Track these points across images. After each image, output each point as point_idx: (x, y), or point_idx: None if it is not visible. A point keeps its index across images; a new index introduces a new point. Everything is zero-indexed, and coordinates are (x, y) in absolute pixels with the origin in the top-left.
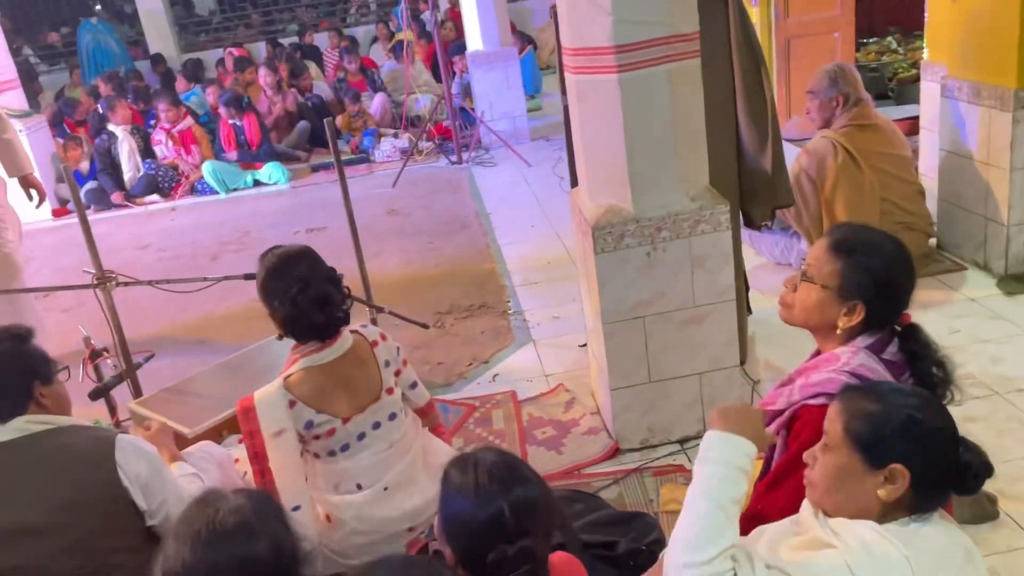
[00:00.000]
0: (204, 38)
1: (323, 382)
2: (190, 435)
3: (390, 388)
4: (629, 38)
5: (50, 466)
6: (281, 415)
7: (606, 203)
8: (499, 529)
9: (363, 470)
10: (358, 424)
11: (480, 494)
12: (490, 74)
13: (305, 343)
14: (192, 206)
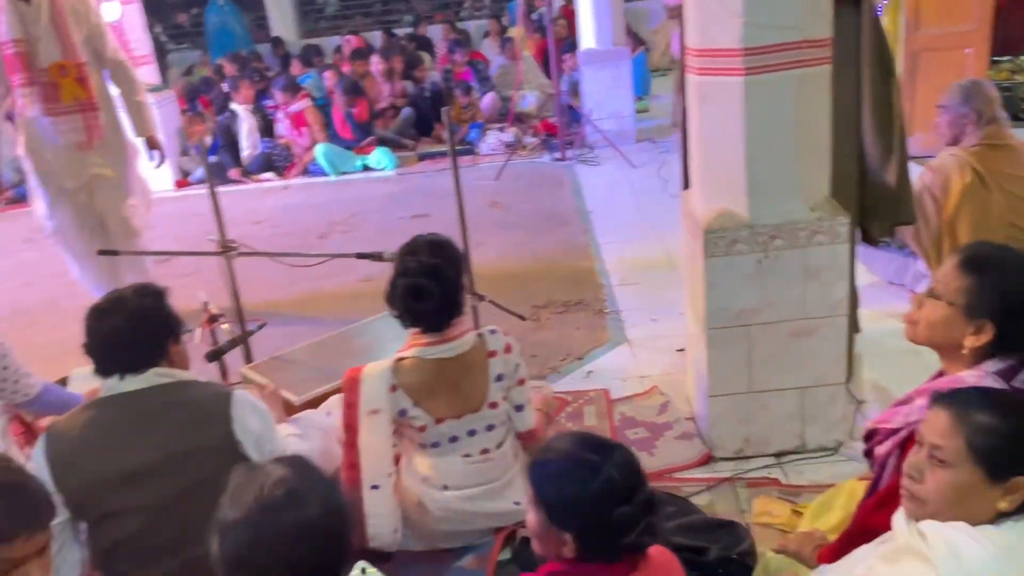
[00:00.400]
0: (323, 25)
1: (430, 377)
2: (297, 402)
3: (494, 403)
4: (758, 41)
5: (172, 416)
6: (381, 396)
7: (719, 207)
8: (614, 492)
9: (452, 473)
10: (452, 427)
11: (583, 468)
12: (600, 73)
13: (417, 329)
14: (303, 186)
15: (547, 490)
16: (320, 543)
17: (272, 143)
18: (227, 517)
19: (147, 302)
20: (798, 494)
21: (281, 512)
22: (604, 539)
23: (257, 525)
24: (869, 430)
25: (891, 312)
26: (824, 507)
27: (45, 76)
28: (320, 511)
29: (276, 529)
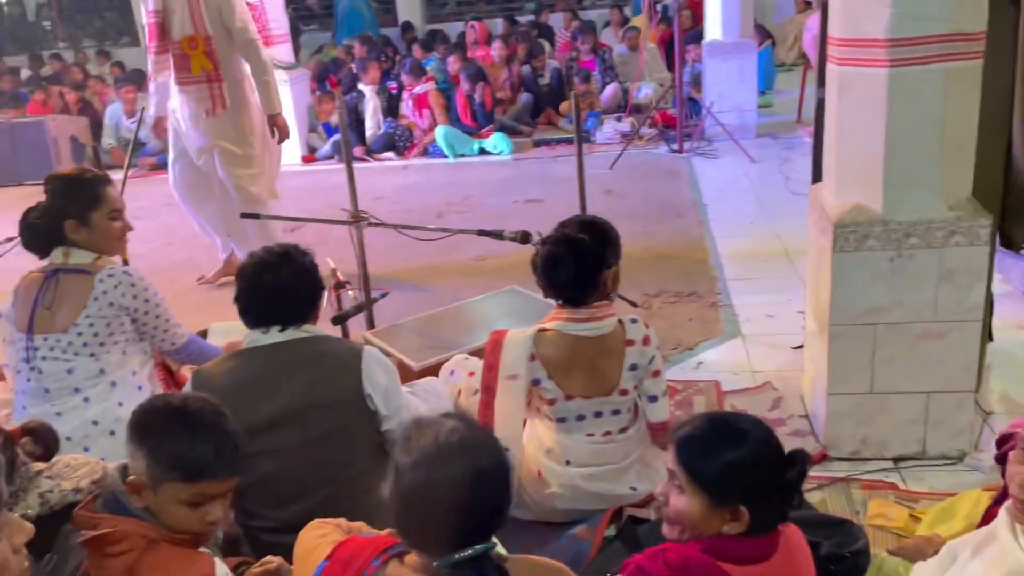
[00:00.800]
0: (447, 11)
1: (567, 353)
2: (415, 368)
3: (625, 390)
4: (907, 32)
5: (308, 367)
6: (520, 362)
7: (853, 201)
8: (775, 454)
9: (575, 450)
10: (580, 406)
11: (739, 439)
12: (724, 65)
13: (559, 303)
14: (423, 166)
15: (710, 468)
16: (489, 490)
17: (395, 123)
18: (404, 460)
19: (308, 260)
20: (916, 500)
21: (456, 457)
22: (775, 504)
23: (434, 466)
24: (1003, 435)
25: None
26: (946, 514)
27: (178, 48)
28: (491, 460)
29: (451, 472)
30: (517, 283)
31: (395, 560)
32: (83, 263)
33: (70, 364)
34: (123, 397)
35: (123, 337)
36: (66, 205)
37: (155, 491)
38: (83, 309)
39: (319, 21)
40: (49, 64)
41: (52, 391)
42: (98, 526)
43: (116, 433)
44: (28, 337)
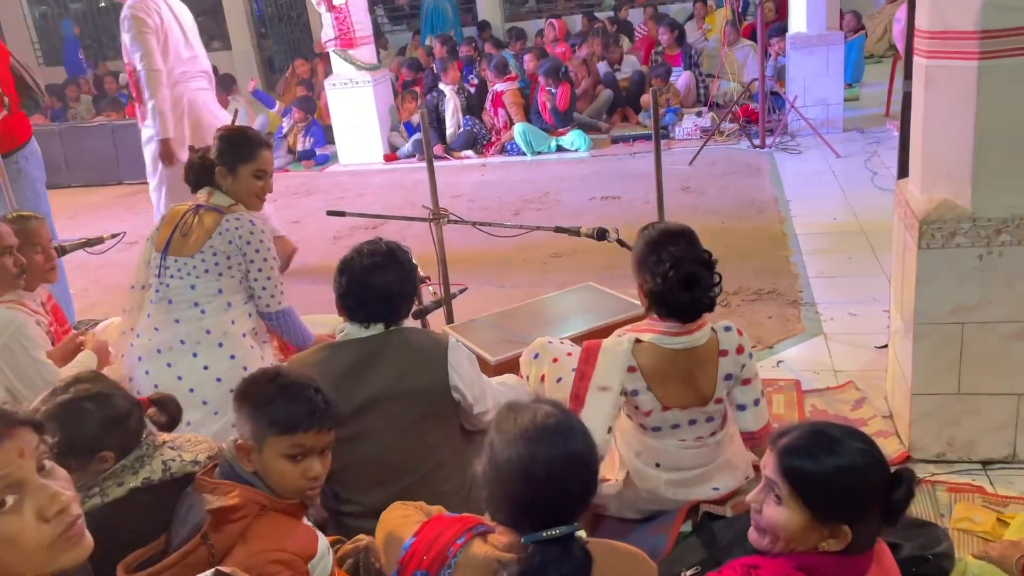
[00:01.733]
0: (526, 9)
1: (665, 365)
2: (492, 362)
3: (719, 399)
4: (998, 23)
5: (397, 358)
6: (617, 374)
7: (940, 197)
8: (883, 474)
9: (667, 454)
10: (675, 416)
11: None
12: (810, 58)
13: (664, 319)
14: (500, 164)
15: (817, 484)
16: (579, 473)
17: (474, 121)
18: (500, 436)
19: (410, 260)
20: (1005, 504)
21: (551, 437)
22: (877, 525)
23: (531, 444)
24: None
25: None
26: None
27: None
28: (583, 446)
29: (546, 451)
30: (592, 279)
31: (479, 539)
32: (220, 204)
33: (193, 282)
34: (235, 316)
35: (239, 273)
36: (222, 153)
37: (260, 450)
38: (208, 240)
39: (407, 21)
40: None
41: (175, 302)
42: (215, 490)
43: (223, 345)
44: (163, 256)
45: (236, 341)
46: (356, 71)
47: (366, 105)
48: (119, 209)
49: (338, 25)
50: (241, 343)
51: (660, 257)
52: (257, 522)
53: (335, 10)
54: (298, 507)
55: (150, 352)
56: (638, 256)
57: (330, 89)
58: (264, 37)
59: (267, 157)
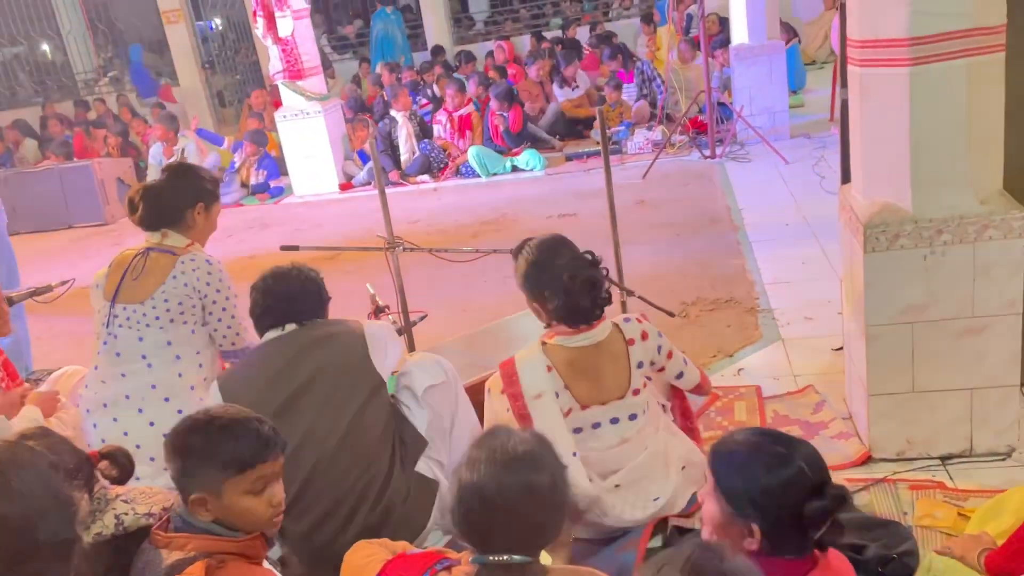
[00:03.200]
0: (474, 32)
1: (573, 363)
2: None
3: (637, 389)
4: (926, 30)
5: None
6: (540, 378)
7: (882, 201)
8: (804, 484)
9: (590, 463)
10: (595, 414)
11: (773, 458)
12: (753, 68)
13: (570, 326)
14: (456, 187)
15: (734, 480)
16: (540, 504)
17: (430, 145)
18: (472, 455)
19: (310, 270)
20: (965, 498)
21: (517, 465)
22: (793, 533)
23: (493, 468)
24: None
25: None
26: (994, 511)
27: None
28: (549, 480)
29: (508, 479)
30: None
31: (443, 573)
32: (175, 245)
33: (142, 333)
34: (184, 368)
35: (192, 318)
36: (204, 191)
37: (219, 496)
38: (161, 285)
39: (353, 50)
40: (94, 108)
41: (123, 355)
42: (170, 544)
43: (170, 400)
44: (112, 305)
45: (184, 395)
46: (306, 102)
47: (318, 135)
48: (71, 254)
49: (285, 57)
50: (189, 396)
51: (552, 273)
52: (216, 574)
53: (281, 42)
54: (262, 544)
55: (97, 406)
56: (526, 278)
57: (281, 121)
58: (212, 72)
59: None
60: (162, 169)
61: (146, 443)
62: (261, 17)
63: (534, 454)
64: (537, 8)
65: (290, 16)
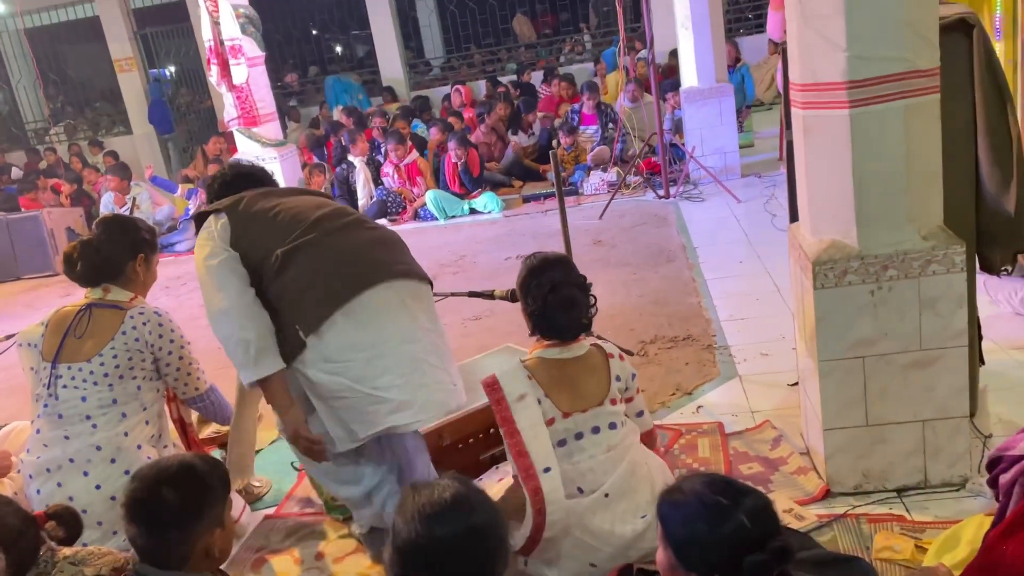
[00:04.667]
0: (430, 77)
1: (553, 374)
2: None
3: (614, 399)
4: (863, 74)
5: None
6: (522, 383)
7: (829, 238)
8: (744, 539)
9: (581, 473)
10: (577, 423)
11: (714, 511)
12: (703, 110)
13: (548, 340)
14: (414, 230)
15: (676, 530)
16: (484, 544)
17: (386, 191)
18: (400, 517)
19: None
20: (922, 530)
21: (452, 513)
22: None
23: (431, 523)
24: (992, 458)
25: (1017, 344)
26: (950, 542)
27: None
28: (487, 518)
29: (449, 529)
30: (513, 339)
31: None
32: (119, 300)
33: (85, 393)
34: (130, 427)
35: (141, 373)
36: (143, 242)
37: (224, 524)
38: (109, 341)
39: (300, 97)
40: (45, 157)
41: (65, 417)
42: None
43: (116, 461)
44: (53, 365)
45: (130, 455)
46: (262, 148)
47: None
48: (18, 307)
49: (240, 104)
50: (136, 456)
51: (540, 282)
52: None
53: (236, 89)
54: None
55: (40, 471)
56: (521, 282)
57: None
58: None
59: None
60: (95, 224)
61: (93, 507)
62: (215, 65)
63: (463, 495)
64: (491, 54)
65: (244, 63)
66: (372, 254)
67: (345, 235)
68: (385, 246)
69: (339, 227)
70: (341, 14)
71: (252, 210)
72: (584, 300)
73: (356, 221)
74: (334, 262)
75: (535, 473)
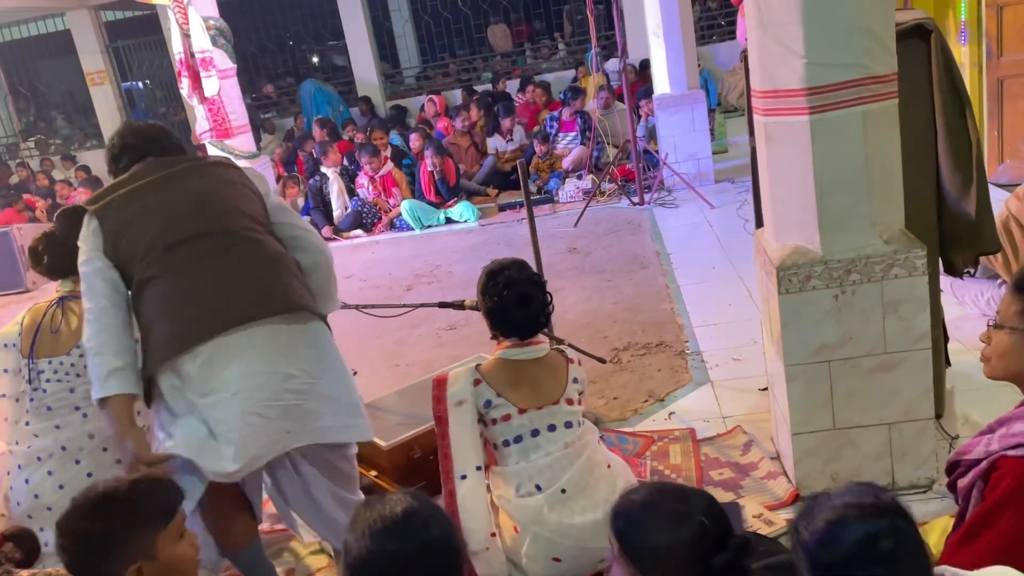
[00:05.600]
0: (405, 87)
1: (511, 374)
2: (385, 447)
3: (570, 399)
4: (821, 80)
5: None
6: (465, 389)
7: (792, 244)
8: (707, 538)
9: (539, 471)
10: (532, 419)
11: (671, 517)
12: (675, 116)
13: (507, 338)
14: (390, 240)
15: (637, 542)
16: (440, 557)
17: (361, 201)
18: (353, 533)
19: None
20: None
21: (404, 528)
22: None
23: (382, 539)
24: (951, 462)
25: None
26: None
27: None
28: (440, 532)
29: (400, 545)
30: (486, 350)
31: None
32: None
33: (72, 384)
34: None
35: None
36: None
37: (154, 557)
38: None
39: (277, 108)
40: (16, 173)
41: (54, 408)
42: None
43: (108, 450)
44: (31, 361)
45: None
46: (235, 160)
47: None
48: None
49: (212, 116)
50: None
51: (496, 281)
52: None
53: (208, 102)
54: None
55: (30, 460)
56: (480, 285)
57: None
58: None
59: None
60: (56, 216)
61: None
62: (186, 77)
63: (416, 509)
64: (467, 63)
65: (216, 76)
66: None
67: (206, 267)
68: (251, 278)
69: (201, 255)
70: (316, 24)
71: (122, 216)
72: (541, 297)
73: (222, 247)
74: (183, 300)
75: (452, 477)
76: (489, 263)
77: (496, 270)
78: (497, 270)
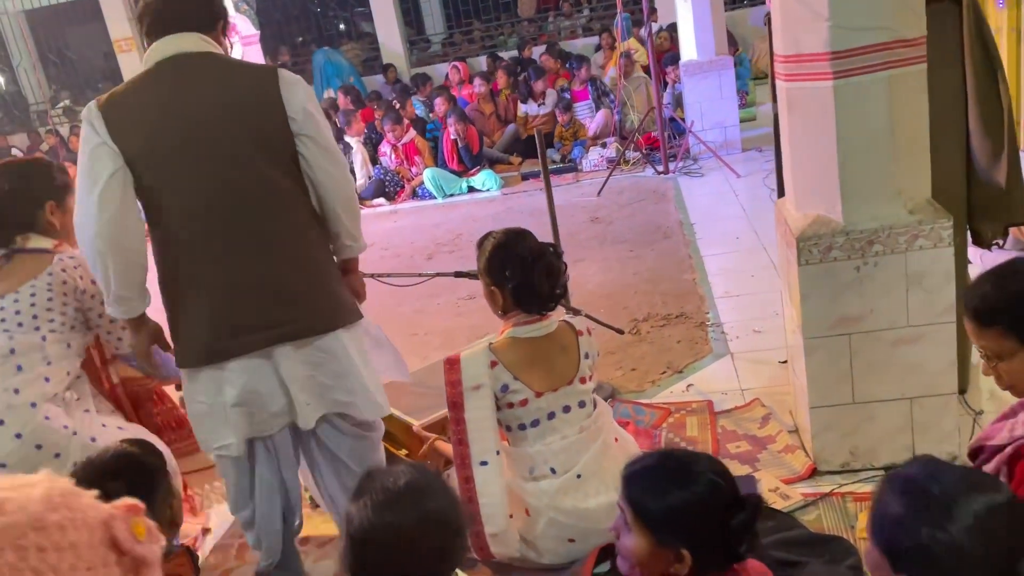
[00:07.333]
0: (430, 53)
1: (525, 354)
2: (416, 427)
3: (584, 378)
4: (846, 44)
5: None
6: (482, 372)
7: (814, 213)
8: (723, 498)
9: (554, 454)
10: (549, 402)
11: (686, 479)
12: (703, 83)
13: (523, 313)
14: (412, 209)
15: (652, 505)
16: (442, 532)
17: (384, 170)
18: (354, 504)
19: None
20: None
21: (405, 500)
22: (720, 548)
23: (383, 510)
24: (973, 448)
25: None
26: None
27: None
28: (441, 505)
29: (400, 517)
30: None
31: None
32: (43, 246)
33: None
34: (22, 384)
35: (52, 324)
36: (46, 187)
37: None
38: (31, 279)
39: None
40: (46, 140)
41: None
42: None
43: (36, 406)
44: None
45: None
46: None
47: None
48: None
49: None
50: (30, 415)
51: (516, 253)
52: None
53: None
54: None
55: None
56: (488, 261)
57: None
58: None
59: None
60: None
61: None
62: None
63: (418, 483)
64: (493, 29)
65: (239, 42)
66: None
67: (229, 264)
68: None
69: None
70: None
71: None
72: (560, 268)
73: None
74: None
75: (470, 463)
76: (490, 236)
77: (508, 242)
78: (510, 242)
